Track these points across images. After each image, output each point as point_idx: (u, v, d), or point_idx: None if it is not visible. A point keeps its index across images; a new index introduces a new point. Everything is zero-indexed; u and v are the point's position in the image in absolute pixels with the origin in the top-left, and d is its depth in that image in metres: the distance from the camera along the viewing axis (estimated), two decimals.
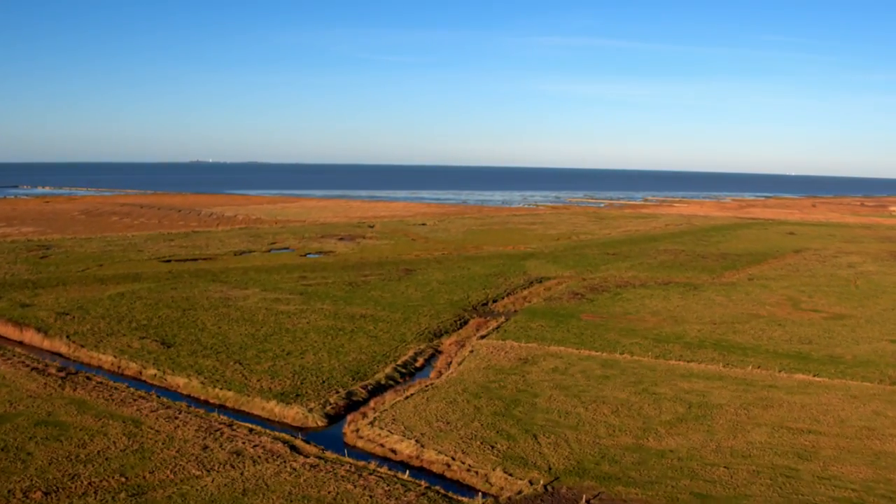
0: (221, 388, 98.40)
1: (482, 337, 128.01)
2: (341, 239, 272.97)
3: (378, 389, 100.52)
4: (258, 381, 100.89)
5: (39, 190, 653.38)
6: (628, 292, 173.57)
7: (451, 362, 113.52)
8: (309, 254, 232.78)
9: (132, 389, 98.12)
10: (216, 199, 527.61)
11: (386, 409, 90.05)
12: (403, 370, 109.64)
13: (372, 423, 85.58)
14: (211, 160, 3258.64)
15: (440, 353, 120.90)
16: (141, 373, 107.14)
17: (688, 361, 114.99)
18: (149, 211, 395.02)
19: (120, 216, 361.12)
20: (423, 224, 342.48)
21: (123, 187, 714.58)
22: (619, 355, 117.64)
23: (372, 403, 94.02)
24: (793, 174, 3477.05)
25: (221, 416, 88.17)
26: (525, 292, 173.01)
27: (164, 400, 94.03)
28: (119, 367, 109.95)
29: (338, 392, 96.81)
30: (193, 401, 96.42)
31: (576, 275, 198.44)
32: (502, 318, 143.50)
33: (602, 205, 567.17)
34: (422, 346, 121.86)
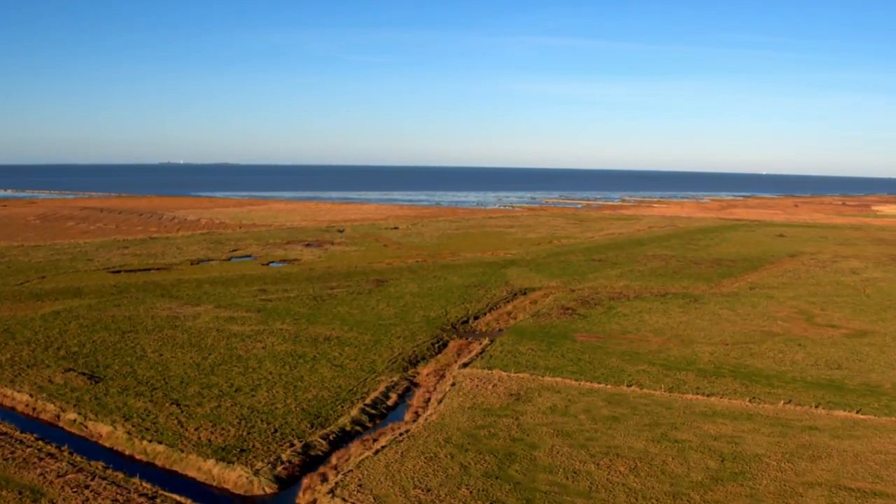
0: (151, 441, 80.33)
1: (465, 365, 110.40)
2: (308, 245, 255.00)
3: (342, 439, 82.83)
4: (196, 430, 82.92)
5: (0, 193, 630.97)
6: (623, 306, 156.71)
7: (429, 399, 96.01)
8: (272, 262, 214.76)
9: (42, 443, 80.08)
10: (181, 201, 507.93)
11: (351, 470, 72.23)
12: (373, 411, 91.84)
13: (332, 492, 67.78)
14: (182, 161, 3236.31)
15: (416, 385, 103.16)
16: (59, 417, 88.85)
17: (707, 395, 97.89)
18: (108, 215, 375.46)
19: (77, 221, 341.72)
20: (396, 228, 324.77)
21: (88, 190, 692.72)
22: (626, 388, 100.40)
23: (334, 459, 76.56)
24: (765, 173, 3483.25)
25: (144, 484, 70.09)
26: (509, 306, 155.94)
27: (78, 458, 76.05)
28: (34, 410, 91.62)
29: (292, 445, 78.94)
30: (116, 457, 78.43)
31: (562, 285, 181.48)
32: (486, 340, 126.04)
33: (580, 206, 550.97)
34: (395, 378, 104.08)
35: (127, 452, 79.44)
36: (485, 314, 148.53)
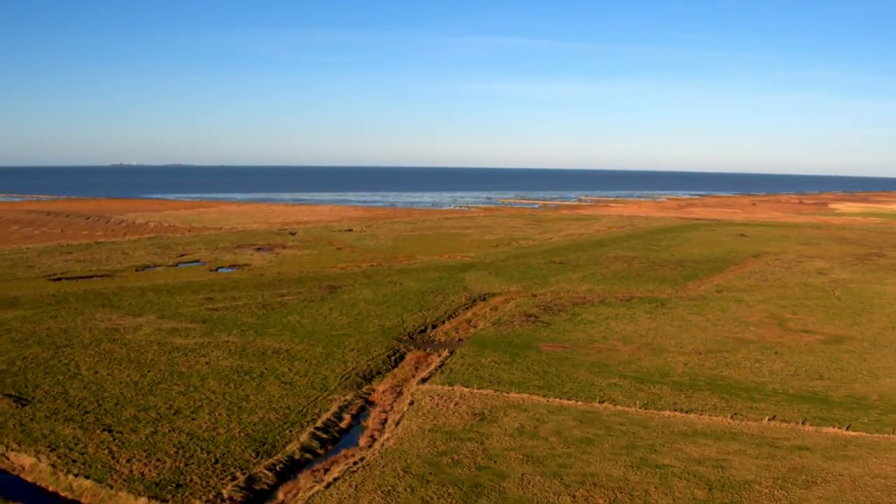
0: (78, 475, 71.77)
1: (423, 380, 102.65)
2: (259, 249, 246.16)
3: (290, 469, 74.72)
4: (129, 461, 74.49)
5: None
6: (588, 311, 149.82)
7: (386, 420, 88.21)
8: (221, 268, 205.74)
9: None
10: (130, 204, 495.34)
11: None
12: (325, 435, 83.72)
13: None
14: (135, 163, 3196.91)
15: (372, 404, 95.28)
16: None
17: (685, 412, 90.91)
18: (55, 219, 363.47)
19: (21, 225, 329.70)
20: (350, 230, 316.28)
21: (37, 192, 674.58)
22: (598, 404, 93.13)
23: (280, 495, 68.67)
24: (714, 171, 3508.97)
25: None
26: (468, 314, 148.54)
27: None
28: None
29: (234, 479, 70.76)
30: (39, 493, 70.22)
31: (523, 290, 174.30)
32: (445, 352, 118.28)
33: (536, 206, 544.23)
34: (348, 397, 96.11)
35: (51, 488, 70.97)
36: (443, 322, 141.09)
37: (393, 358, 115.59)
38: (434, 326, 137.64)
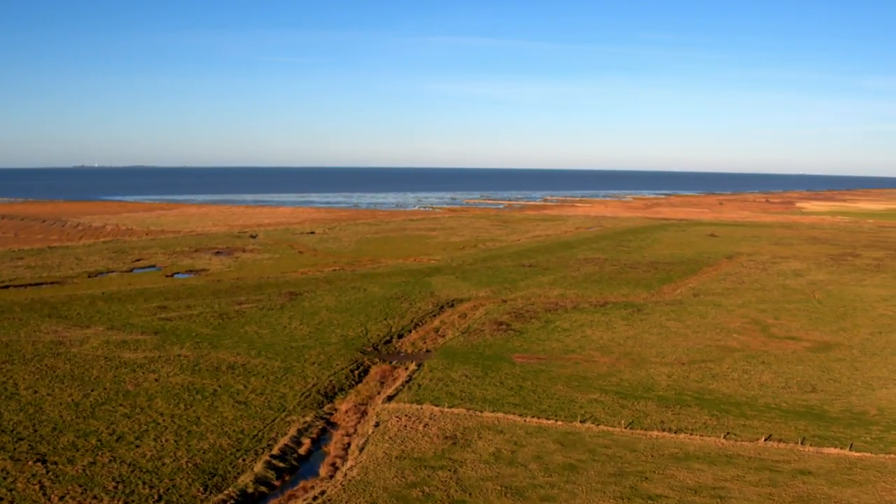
0: None
1: (389, 398, 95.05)
2: (218, 253, 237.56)
3: None
4: (62, 500, 66.26)
5: None
6: (561, 318, 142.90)
7: (349, 445, 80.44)
8: (177, 273, 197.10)
9: None
10: (89, 206, 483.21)
11: None
12: (282, 464, 75.71)
13: None
14: (97, 164, 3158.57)
15: (333, 426, 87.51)
16: None
17: (674, 432, 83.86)
18: (9, 222, 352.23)
19: None
20: (312, 232, 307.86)
21: None
22: (579, 424, 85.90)
23: None
24: (679, 171, 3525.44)
25: None
26: (436, 321, 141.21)
27: None
28: None
29: None
30: None
31: (493, 295, 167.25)
32: (413, 365, 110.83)
33: (502, 206, 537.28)
34: (308, 418, 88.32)
35: None
36: (410, 331, 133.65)
37: (357, 372, 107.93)
38: (400, 336, 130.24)
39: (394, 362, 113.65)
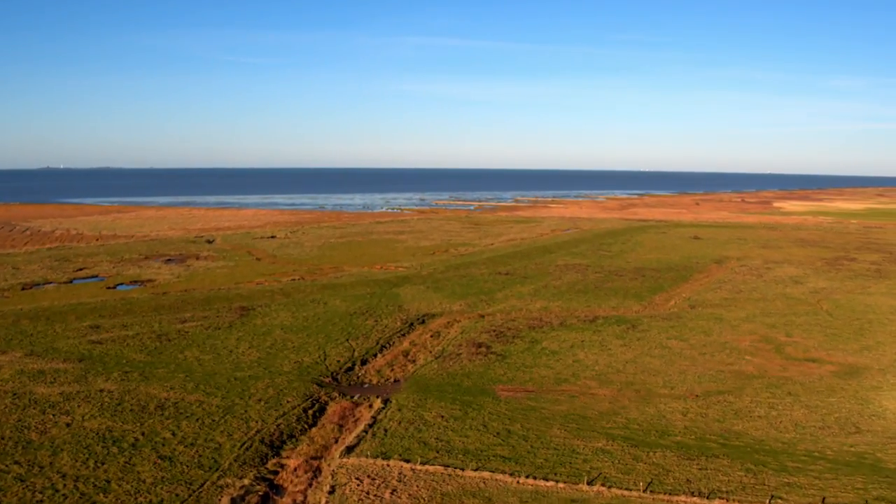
0: None
1: (349, 448, 76.78)
2: (169, 260, 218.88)
3: None
4: None
5: None
6: (548, 338, 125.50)
7: None
8: (120, 285, 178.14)
9: None
10: (42, 210, 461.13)
11: None
12: None
13: None
14: (63, 166, 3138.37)
15: (279, 491, 69.07)
16: None
17: (706, 496, 66.07)
18: None
19: None
20: (273, 237, 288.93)
21: None
22: (586, 487, 67.97)
23: None
24: (649, 170, 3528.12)
25: None
26: (406, 343, 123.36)
27: None
28: None
29: None
30: None
31: (468, 308, 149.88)
32: (378, 401, 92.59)
33: (472, 207, 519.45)
34: (246, 480, 69.83)
35: None
36: (375, 355, 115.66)
37: (311, 412, 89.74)
38: (364, 362, 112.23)
39: (356, 397, 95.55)
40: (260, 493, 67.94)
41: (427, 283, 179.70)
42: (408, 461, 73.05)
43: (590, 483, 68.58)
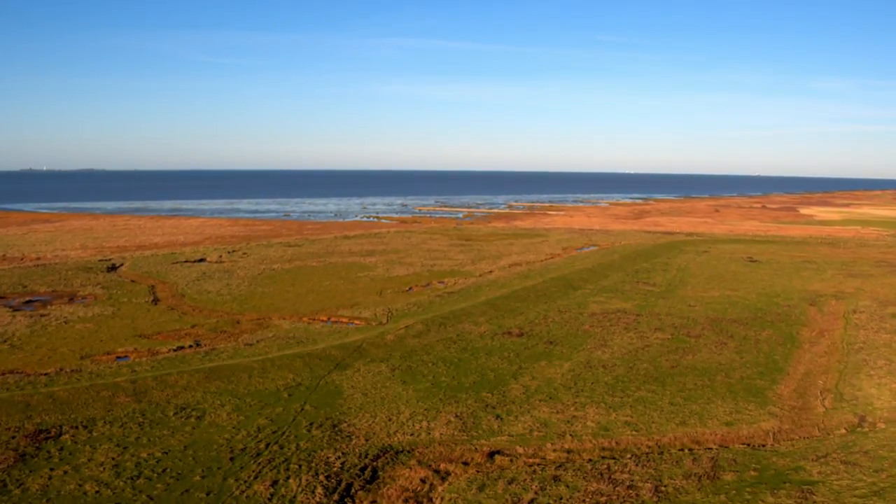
0: None
1: None
2: (25, 304, 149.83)
3: None
4: None
5: None
6: None
7: None
8: None
9: None
10: None
11: None
12: None
13: None
14: (45, 168, 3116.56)
15: None
16: None
17: None
18: None
19: None
20: (202, 259, 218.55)
21: None
22: None
23: None
24: (643, 172, 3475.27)
25: None
26: None
27: None
28: None
29: None
30: None
31: (462, 433, 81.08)
32: None
33: (461, 215, 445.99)
34: None
35: None
36: None
37: None
38: None
39: None
40: None
41: (392, 357, 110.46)
42: None
43: None
